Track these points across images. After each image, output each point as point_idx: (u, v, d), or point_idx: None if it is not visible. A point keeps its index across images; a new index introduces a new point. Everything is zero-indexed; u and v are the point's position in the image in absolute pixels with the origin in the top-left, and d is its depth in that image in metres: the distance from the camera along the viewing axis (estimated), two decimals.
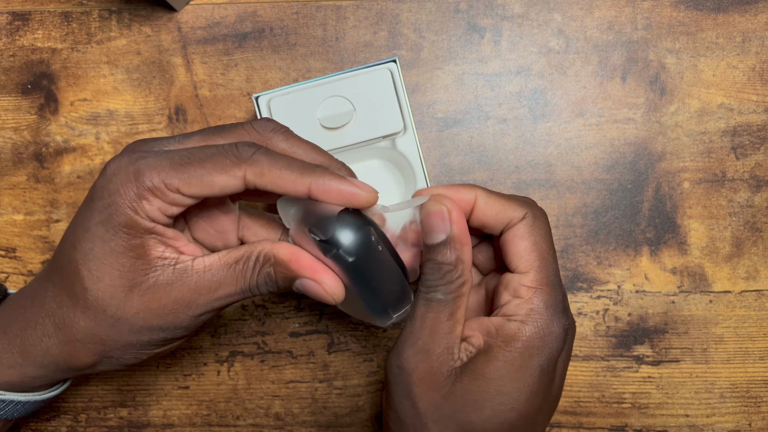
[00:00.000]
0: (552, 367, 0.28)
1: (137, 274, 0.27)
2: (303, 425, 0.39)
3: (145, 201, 0.26)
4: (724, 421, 0.38)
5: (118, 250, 0.26)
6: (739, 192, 0.39)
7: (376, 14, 0.39)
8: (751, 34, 0.39)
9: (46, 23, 0.39)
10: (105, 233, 0.26)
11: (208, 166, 0.26)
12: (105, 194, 0.26)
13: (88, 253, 0.27)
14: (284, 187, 0.26)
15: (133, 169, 0.26)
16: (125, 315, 0.27)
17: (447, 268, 0.27)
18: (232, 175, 0.26)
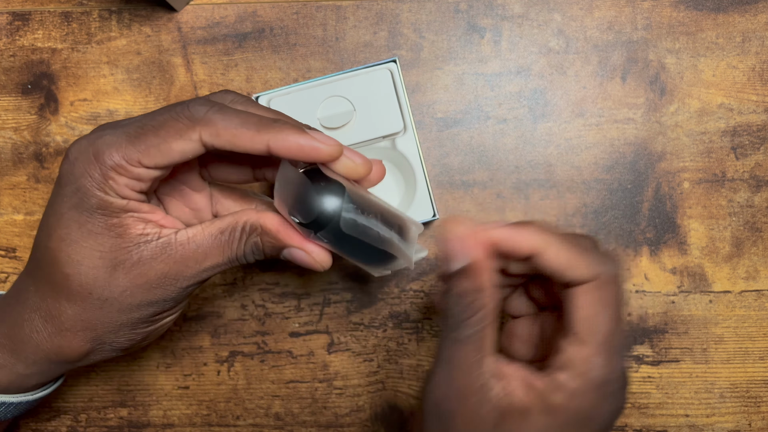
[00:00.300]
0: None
1: (119, 253, 0.26)
2: (303, 425, 0.39)
3: (110, 180, 0.25)
4: (723, 421, 0.38)
5: (96, 230, 0.26)
6: (739, 192, 0.39)
7: (376, 14, 0.39)
8: (751, 34, 0.39)
9: (46, 23, 0.39)
10: (79, 217, 0.26)
11: (162, 133, 0.25)
12: (71, 179, 0.26)
13: (64, 238, 0.26)
14: (242, 145, 0.25)
15: (92, 150, 0.26)
16: (112, 294, 0.27)
17: (470, 299, 0.25)
18: (187, 138, 0.25)
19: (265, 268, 0.39)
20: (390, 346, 0.39)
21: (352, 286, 0.39)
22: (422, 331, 0.39)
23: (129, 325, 0.28)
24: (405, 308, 0.39)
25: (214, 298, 0.39)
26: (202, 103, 0.26)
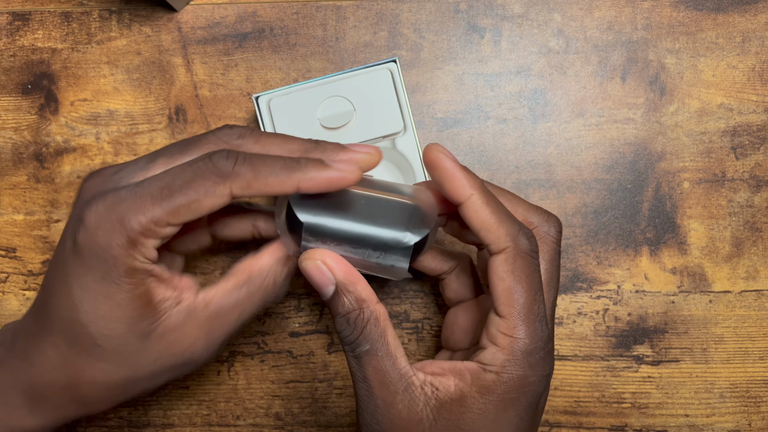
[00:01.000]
0: (530, 413, 0.26)
1: (147, 323, 0.26)
2: (303, 425, 0.39)
3: (140, 245, 0.25)
4: (723, 421, 0.38)
5: (125, 302, 0.25)
6: (738, 192, 0.39)
7: (376, 14, 0.39)
8: (751, 34, 0.39)
9: (47, 23, 0.39)
10: (107, 289, 0.25)
11: (190, 193, 0.25)
12: (96, 250, 0.25)
13: (92, 312, 0.26)
14: (272, 190, 0.25)
15: (115, 218, 0.25)
16: (145, 363, 0.27)
17: (353, 315, 0.26)
18: (219, 195, 0.25)
19: None
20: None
21: None
22: (422, 331, 0.39)
23: (155, 384, 0.28)
24: (405, 308, 0.39)
25: None
26: (225, 155, 0.25)
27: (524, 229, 0.26)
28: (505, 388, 0.25)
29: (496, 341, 0.25)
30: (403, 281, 0.39)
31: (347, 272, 0.26)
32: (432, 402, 0.25)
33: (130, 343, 0.26)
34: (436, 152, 0.26)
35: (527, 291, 0.25)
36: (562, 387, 0.39)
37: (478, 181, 0.26)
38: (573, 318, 0.39)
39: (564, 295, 0.39)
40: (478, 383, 0.25)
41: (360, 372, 0.26)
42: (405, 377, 0.26)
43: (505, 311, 0.25)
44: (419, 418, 0.25)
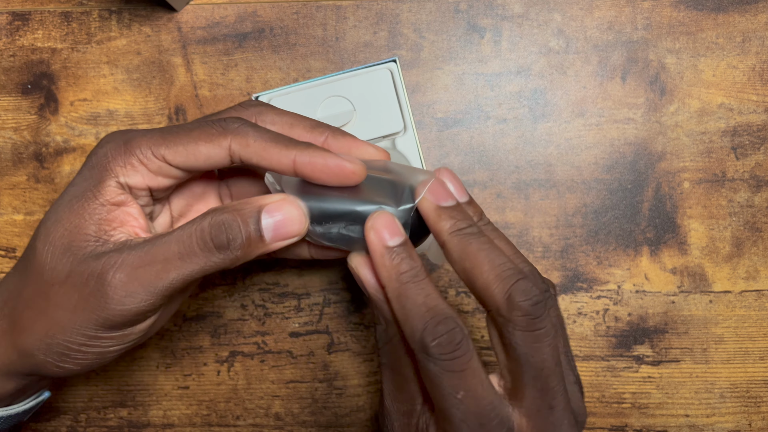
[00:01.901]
0: None
1: (79, 238, 0.25)
2: (303, 425, 0.39)
3: (130, 167, 0.26)
4: (724, 421, 0.38)
5: (77, 210, 0.26)
6: (739, 192, 0.39)
7: (376, 14, 0.39)
8: (751, 34, 0.39)
9: (46, 23, 0.39)
10: (75, 192, 0.26)
11: (194, 135, 0.26)
12: (93, 159, 0.26)
13: (51, 212, 0.26)
14: (269, 159, 0.26)
15: (125, 138, 0.26)
16: (57, 279, 0.25)
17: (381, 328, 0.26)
18: (217, 144, 0.26)
19: (266, 268, 0.39)
20: None
21: (352, 286, 0.39)
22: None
23: (63, 337, 0.25)
24: None
25: (214, 298, 0.39)
26: (236, 118, 0.26)
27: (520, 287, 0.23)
28: None
29: None
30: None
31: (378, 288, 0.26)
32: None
33: (53, 251, 0.25)
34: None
35: None
36: None
37: None
38: (573, 318, 0.39)
39: (564, 295, 0.39)
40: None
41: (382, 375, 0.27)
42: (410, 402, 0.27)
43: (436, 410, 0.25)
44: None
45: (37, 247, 0.26)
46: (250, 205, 0.25)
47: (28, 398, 0.30)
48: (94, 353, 0.26)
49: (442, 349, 0.23)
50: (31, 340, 0.26)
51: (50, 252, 0.26)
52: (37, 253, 0.26)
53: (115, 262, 0.25)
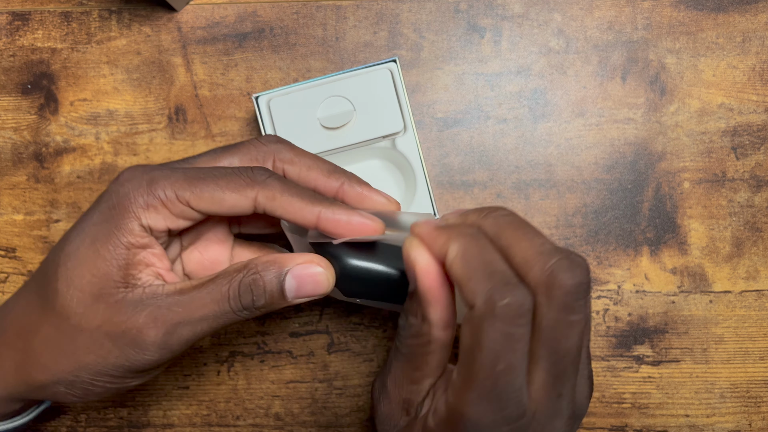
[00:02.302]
0: None
1: (108, 284, 0.25)
2: (303, 425, 0.39)
3: (153, 209, 0.26)
4: (724, 421, 0.38)
5: (102, 254, 0.25)
6: (739, 192, 0.39)
7: (376, 14, 0.39)
8: (752, 34, 0.39)
9: (46, 23, 0.39)
10: (96, 233, 0.26)
11: (221, 183, 0.26)
12: (113, 197, 0.26)
13: (72, 253, 0.26)
14: (293, 213, 0.26)
15: (147, 178, 0.26)
16: (87, 326, 0.25)
17: (411, 321, 0.25)
18: (243, 195, 0.26)
19: None
20: (390, 346, 0.39)
21: None
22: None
23: (90, 376, 0.26)
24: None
25: None
26: (263, 170, 0.27)
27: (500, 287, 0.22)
28: None
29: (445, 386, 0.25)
30: None
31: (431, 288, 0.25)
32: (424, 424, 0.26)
33: (83, 297, 0.25)
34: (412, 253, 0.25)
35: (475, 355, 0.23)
36: None
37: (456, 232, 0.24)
38: None
39: None
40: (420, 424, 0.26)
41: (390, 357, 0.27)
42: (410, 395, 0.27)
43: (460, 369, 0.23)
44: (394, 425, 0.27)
45: (59, 290, 0.26)
46: (276, 265, 0.26)
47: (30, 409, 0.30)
48: (116, 388, 0.27)
49: (510, 311, 0.21)
50: (53, 377, 0.27)
51: (77, 297, 0.26)
52: (60, 296, 0.26)
53: (155, 318, 0.25)
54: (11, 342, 0.27)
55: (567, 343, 0.22)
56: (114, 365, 0.26)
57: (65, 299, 0.26)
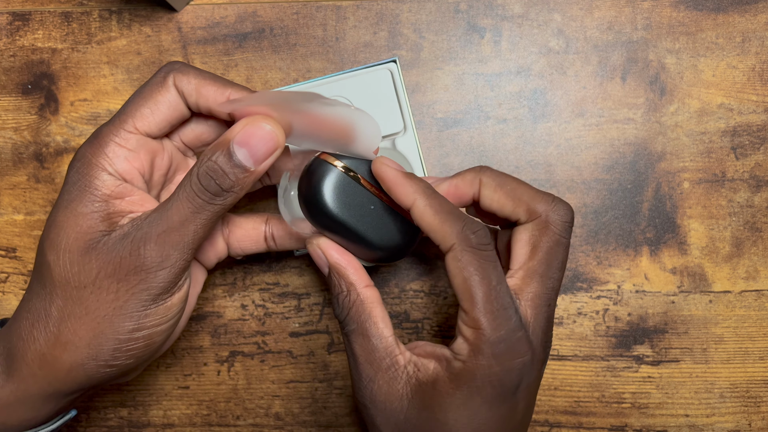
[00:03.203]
0: (503, 402, 0.26)
1: (93, 235, 0.26)
2: (303, 425, 0.39)
3: (112, 154, 0.27)
4: (723, 421, 0.38)
5: (81, 211, 0.26)
6: (738, 192, 0.39)
7: (376, 14, 0.39)
8: (751, 34, 0.39)
9: (47, 23, 0.39)
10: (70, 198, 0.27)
11: (145, 92, 0.28)
12: (75, 165, 0.27)
13: (52, 223, 0.26)
14: (207, 94, 0.28)
15: (93, 136, 0.28)
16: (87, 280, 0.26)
17: (342, 297, 0.28)
18: (166, 87, 0.28)
19: (266, 269, 0.39)
20: None
21: None
22: (422, 331, 0.39)
23: (113, 330, 0.26)
24: (405, 308, 0.39)
25: (214, 298, 0.39)
26: (176, 61, 0.29)
27: (469, 224, 0.26)
28: (470, 376, 0.26)
29: (462, 333, 0.26)
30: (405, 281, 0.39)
31: (340, 258, 0.28)
32: (412, 381, 0.27)
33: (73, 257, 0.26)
34: (380, 165, 0.28)
35: (482, 284, 0.26)
36: (562, 387, 0.39)
37: (422, 185, 0.27)
38: (573, 318, 0.39)
39: (564, 295, 0.39)
40: (449, 369, 0.26)
41: (349, 348, 0.28)
42: (391, 355, 0.27)
43: (466, 305, 0.26)
44: (399, 394, 0.27)
45: (50, 261, 0.26)
46: (220, 144, 0.26)
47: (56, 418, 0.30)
48: (143, 338, 0.27)
49: (481, 239, 0.26)
50: (78, 350, 0.27)
51: (68, 259, 0.26)
52: (53, 266, 0.26)
53: (141, 237, 0.26)
54: (29, 335, 0.27)
55: (560, 261, 0.28)
56: (128, 302, 0.26)
57: (58, 266, 0.26)
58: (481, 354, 0.26)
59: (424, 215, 0.27)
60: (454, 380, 0.26)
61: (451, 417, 0.26)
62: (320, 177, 0.28)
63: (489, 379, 0.26)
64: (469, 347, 0.26)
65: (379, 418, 0.27)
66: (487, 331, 0.26)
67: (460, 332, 0.26)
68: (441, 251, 0.27)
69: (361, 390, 0.27)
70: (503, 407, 0.26)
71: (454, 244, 0.26)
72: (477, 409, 0.26)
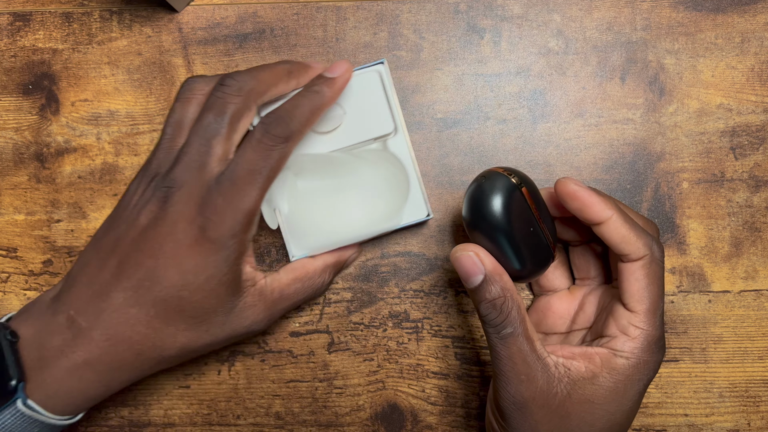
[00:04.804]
0: (644, 389, 0.31)
1: (234, 299, 0.31)
2: (303, 424, 0.39)
3: (251, 227, 0.31)
4: (723, 420, 0.38)
5: (225, 281, 0.30)
6: (738, 192, 0.39)
7: (376, 15, 0.39)
8: (750, 34, 0.39)
9: (47, 24, 0.40)
10: (213, 266, 0.30)
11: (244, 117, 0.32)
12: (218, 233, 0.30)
13: (194, 285, 0.29)
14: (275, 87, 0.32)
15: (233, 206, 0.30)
16: (221, 333, 0.31)
17: (500, 302, 0.30)
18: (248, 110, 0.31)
19: (266, 269, 0.39)
20: (390, 345, 0.39)
21: (352, 286, 0.39)
22: (422, 330, 0.39)
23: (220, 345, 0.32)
24: (405, 308, 0.39)
25: None
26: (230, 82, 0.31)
27: (657, 240, 0.31)
28: (633, 370, 0.30)
29: (627, 332, 0.30)
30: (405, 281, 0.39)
31: (495, 265, 0.30)
32: (565, 380, 0.29)
33: (217, 316, 0.30)
34: (573, 186, 0.30)
35: (656, 291, 0.30)
36: None
37: (613, 201, 0.31)
38: None
39: None
40: (608, 366, 0.30)
41: (505, 351, 0.30)
42: (542, 358, 0.30)
43: (638, 308, 0.30)
44: (555, 391, 0.29)
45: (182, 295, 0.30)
46: None
47: None
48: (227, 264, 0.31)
49: (663, 254, 0.31)
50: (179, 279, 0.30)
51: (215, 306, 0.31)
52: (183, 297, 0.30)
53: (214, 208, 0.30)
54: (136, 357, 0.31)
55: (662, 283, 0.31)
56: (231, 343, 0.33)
57: (200, 321, 0.31)
58: (644, 350, 0.30)
59: (620, 228, 0.30)
60: (615, 373, 0.29)
61: (612, 405, 0.29)
62: (495, 188, 0.30)
63: (646, 370, 0.30)
64: (635, 344, 0.30)
65: (537, 415, 0.29)
66: (651, 332, 0.30)
67: (624, 332, 0.30)
68: (623, 259, 0.30)
69: (518, 391, 0.29)
70: (643, 392, 0.31)
71: (646, 255, 0.30)
72: (631, 396, 0.30)
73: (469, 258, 0.30)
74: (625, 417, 0.30)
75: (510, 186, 0.30)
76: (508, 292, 0.30)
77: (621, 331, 0.30)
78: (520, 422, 0.30)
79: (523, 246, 0.30)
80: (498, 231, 0.30)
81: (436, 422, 0.39)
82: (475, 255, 0.30)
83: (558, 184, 0.30)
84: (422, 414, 0.39)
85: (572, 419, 0.29)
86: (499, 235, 0.30)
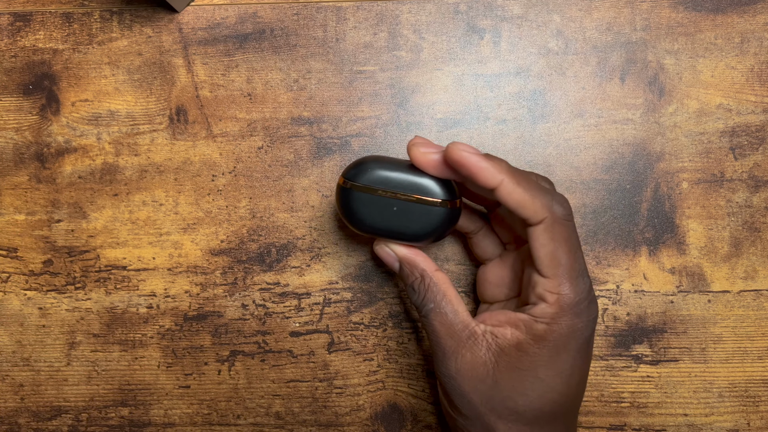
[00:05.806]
0: (581, 353, 0.30)
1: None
2: (303, 424, 0.39)
3: None
4: (722, 420, 0.38)
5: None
6: (737, 192, 0.39)
7: (376, 15, 0.39)
8: (750, 35, 0.39)
9: (48, 24, 0.40)
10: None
11: None
12: None
13: None
14: None
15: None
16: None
17: (417, 282, 0.31)
18: None
19: (266, 269, 0.39)
20: (390, 345, 0.39)
21: (352, 286, 0.39)
22: (422, 330, 0.39)
23: None
24: (405, 308, 0.39)
25: (215, 298, 0.39)
26: None
27: (557, 198, 0.29)
28: (556, 335, 0.29)
29: (544, 298, 0.29)
30: None
31: (407, 251, 0.32)
32: (493, 348, 0.30)
33: None
34: (458, 151, 0.29)
35: (567, 253, 0.29)
36: None
37: (504, 164, 0.29)
38: None
39: None
40: (531, 332, 0.29)
41: (430, 326, 0.31)
42: (468, 328, 0.30)
43: (550, 273, 0.29)
44: (482, 361, 0.29)
45: None
46: None
47: None
48: None
49: (567, 211, 0.29)
50: None
51: None
52: None
53: None
54: None
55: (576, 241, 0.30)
56: None
57: None
58: (566, 315, 0.29)
59: (514, 193, 0.28)
60: (539, 340, 0.29)
61: (542, 372, 0.29)
62: (338, 200, 0.32)
63: (573, 335, 0.29)
64: (553, 311, 0.29)
65: (466, 386, 0.30)
66: (570, 295, 0.29)
67: (541, 298, 0.29)
68: (526, 224, 0.29)
69: (445, 363, 0.30)
70: (582, 355, 0.30)
71: (546, 217, 0.28)
72: (563, 361, 0.29)
73: (382, 249, 0.33)
74: (564, 385, 0.29)
75: (341, 191, 0.31)
76: (423, 272, 0.31)
77: (538, 298, 0.29)
78: (456, 395, 0.30)
79: (399, 223, 0.31)
80: (367, 230, 0.31)
81: (436, 422, 0.39)
82: (385, 246, 0.32)
83: (446, 151, 0.29)
84: (422, 414, 0.39)
85: (503, 388, 0.29)
86: (372, 231, 0.31)
